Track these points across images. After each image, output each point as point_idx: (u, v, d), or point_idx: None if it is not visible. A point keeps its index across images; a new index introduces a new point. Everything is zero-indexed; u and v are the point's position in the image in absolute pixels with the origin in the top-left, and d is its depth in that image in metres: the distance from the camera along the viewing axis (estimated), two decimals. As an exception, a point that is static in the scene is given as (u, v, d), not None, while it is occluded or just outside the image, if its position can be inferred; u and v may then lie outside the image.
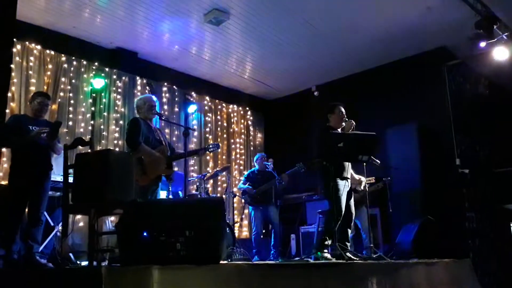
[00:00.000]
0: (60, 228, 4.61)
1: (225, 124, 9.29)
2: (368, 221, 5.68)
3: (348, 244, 5.14)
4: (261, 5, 6.48)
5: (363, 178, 5.66)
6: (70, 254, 4.91)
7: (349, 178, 5.31)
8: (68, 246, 5.01)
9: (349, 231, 5.26)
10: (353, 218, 5.40)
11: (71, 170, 3.81)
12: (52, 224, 5.20)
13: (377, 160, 5.80)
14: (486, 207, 7.34)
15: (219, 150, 8.88)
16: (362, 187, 5.73)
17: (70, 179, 3.82)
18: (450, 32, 7.16)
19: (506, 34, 6.52)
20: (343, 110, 5.44)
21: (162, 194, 6.05)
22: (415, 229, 5.98)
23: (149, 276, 2.53)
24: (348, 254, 4.78)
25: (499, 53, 6.65)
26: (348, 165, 5.33)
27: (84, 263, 4.79)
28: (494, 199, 7.56)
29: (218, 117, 9.19)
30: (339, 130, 5.34)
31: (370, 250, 5.31)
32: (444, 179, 7.15)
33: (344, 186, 5.13)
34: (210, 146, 5.61)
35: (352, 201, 5.36)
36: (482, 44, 6.50)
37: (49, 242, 5.08)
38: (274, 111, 10.01)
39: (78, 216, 6.19)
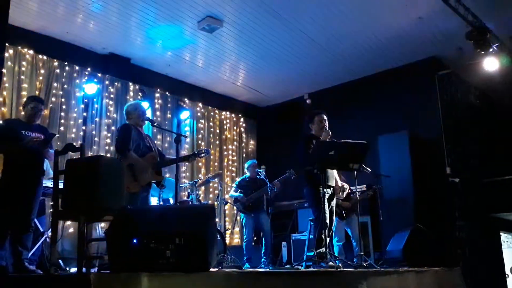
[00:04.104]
0: (50, 234, 4.57)
1: (217, 131, 9.29)
2: (358, 229, 5.69)
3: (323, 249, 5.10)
4: (254, 13, 6.52)
5: (346, 185, 5.65)
6: (60, 261, 4.87)
7: (333, 186, 5.33)
8: (57, 252, 4.97)
9: (327, 237, 5.21)
10: (333, 225, 5.37)
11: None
12: (41, 230, 5.16)
13: (368, 168, 5.83)
14: (476, 216, 7.38)
15: (211, 156, 8.89)
16: (344, 195, 5.72)
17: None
18: (441, 42, 7.25)
19: (496, 45, 6.59)
20: (324, 118, 5.41)
21: (153, 201, 6.03)
22: (405, 237, 6.00)
23: (139, 283, 2.52)
24: (329, 262, 4.77)
25: (490, 64, 6.73)
26: (332, 172, 5.34)
27: (74, 269, 4.76)
28: (484, 208, 7.61)
29: (211, 123, 9.19)
30: (321, 137, 5.32)
31: (361, 258, 5.32)
32: (435, 188, 7.20)
33: (327, 194, 5.15)
34: (202, 151, 5.41)
35: (333, 208, 5.35)
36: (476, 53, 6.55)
37: (36, 248, 5.03)
38: (266, 118, 10.04)
39: (68, 222, 6.18)
